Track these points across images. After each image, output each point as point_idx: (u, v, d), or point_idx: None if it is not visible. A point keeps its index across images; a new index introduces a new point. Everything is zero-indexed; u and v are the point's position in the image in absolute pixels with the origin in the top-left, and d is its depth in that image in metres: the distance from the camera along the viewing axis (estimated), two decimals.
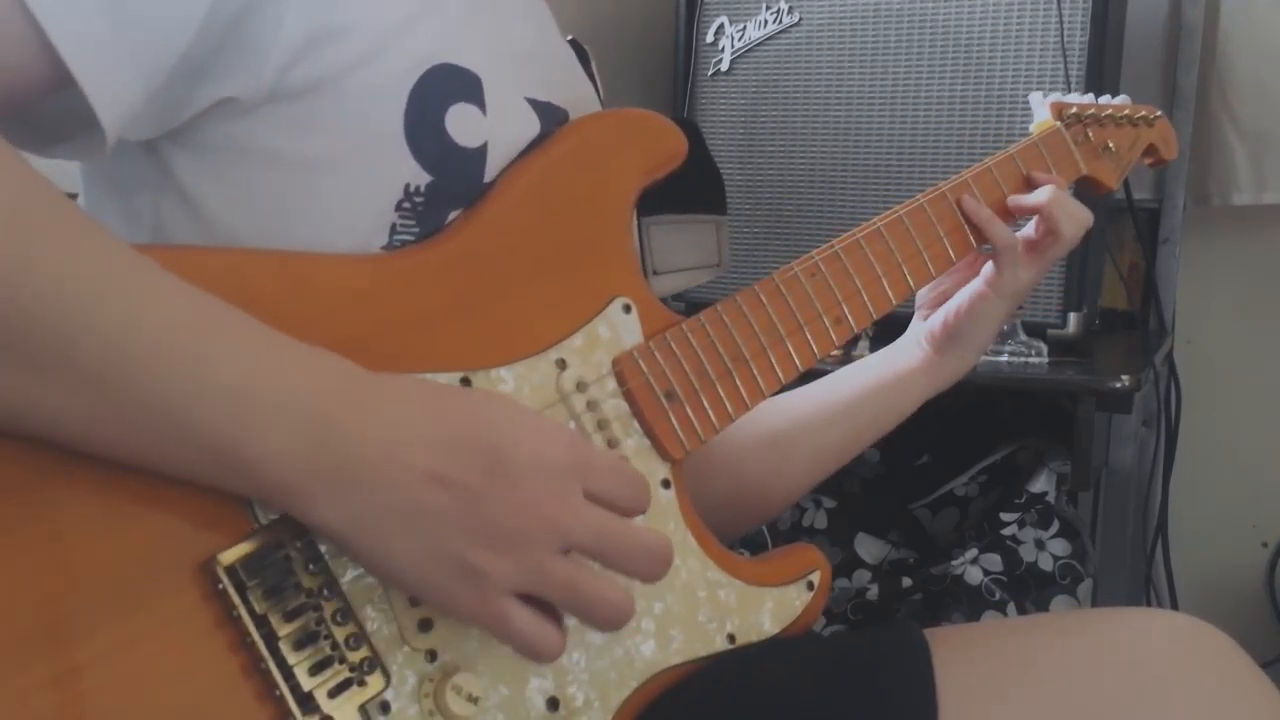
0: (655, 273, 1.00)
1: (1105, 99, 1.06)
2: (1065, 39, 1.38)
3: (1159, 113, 1.08)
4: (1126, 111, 1.04)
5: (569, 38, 0.91)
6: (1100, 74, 1.38)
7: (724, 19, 1.56)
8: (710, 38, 1.57)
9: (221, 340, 0.56)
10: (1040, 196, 0.91)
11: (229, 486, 0.56)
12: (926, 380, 0.94)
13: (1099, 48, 1.38)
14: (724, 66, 1.57)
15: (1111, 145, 1.02)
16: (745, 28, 1.55)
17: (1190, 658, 0.71)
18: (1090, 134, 1.01)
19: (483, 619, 0.59)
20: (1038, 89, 1.39)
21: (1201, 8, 1.73)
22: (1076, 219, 0.92)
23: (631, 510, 0.63)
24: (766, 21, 1.54)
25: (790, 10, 1.52)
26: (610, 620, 0.61)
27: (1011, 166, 0.94)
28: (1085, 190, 1.04)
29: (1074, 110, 1.01)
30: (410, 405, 0.59)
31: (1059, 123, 1.00)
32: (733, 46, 1.56)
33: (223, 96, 0.64)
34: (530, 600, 0.60)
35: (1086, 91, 1.35)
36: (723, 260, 1.14)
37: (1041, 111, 1.01)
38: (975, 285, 0.93)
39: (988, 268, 0.93)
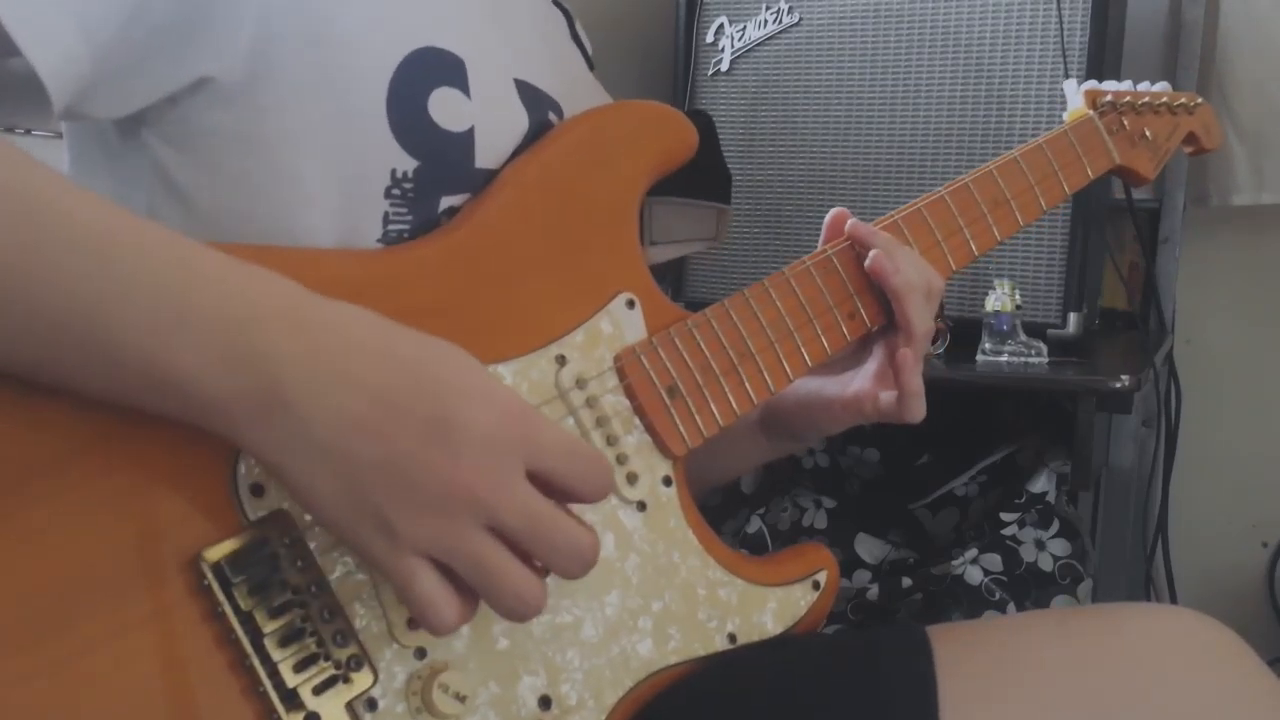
0: (652, 243, 0.98)
1: (1144, 85, 1.02)
2: (1065, 39, 1.38)
3: (1200, 99, 1.04)
4: (1165, 98, 1.01)
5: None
6: (1100, 74, 1.38)
7: (724, 19, 1.56)
8: (710, 38, 1.57)
9: (140, 237, 0.52)
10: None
11: (168, 411, 0.53)
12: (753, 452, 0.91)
13: (1099, 48, 1.38)
14: (724, 66, 1.57)
15: (1149, 133, 0.98)
16: (745, 28, 1.55)
17: (1194, 652, 0.70)
18: (1126, 122, 0.97)
19: (389, 572, 0.56)
20: (1038, 89, 1.40)
21: (1201, 7, 1.73)
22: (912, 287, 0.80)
23: (583, 491, 0.59)
24: (766, 21, 1.54)
25: (790, 10, 1.52)
26: (512, 611, 0.57)
27: (1040, 156, 0.91)
28: (1122, 180, 1.01)
29: (1109, 97, 0.97)
30: (359, 341, 0.56)
31: (1092, 111, 0.96)
32: (733, 46, 1.56)
33: (200, 75, 0.63)
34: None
35: None
36: (719, 237, 1.09)
37: (1075, 99, 0.98)
38: (858, 381, 0.83)
39: (871, 369, 0.83)
